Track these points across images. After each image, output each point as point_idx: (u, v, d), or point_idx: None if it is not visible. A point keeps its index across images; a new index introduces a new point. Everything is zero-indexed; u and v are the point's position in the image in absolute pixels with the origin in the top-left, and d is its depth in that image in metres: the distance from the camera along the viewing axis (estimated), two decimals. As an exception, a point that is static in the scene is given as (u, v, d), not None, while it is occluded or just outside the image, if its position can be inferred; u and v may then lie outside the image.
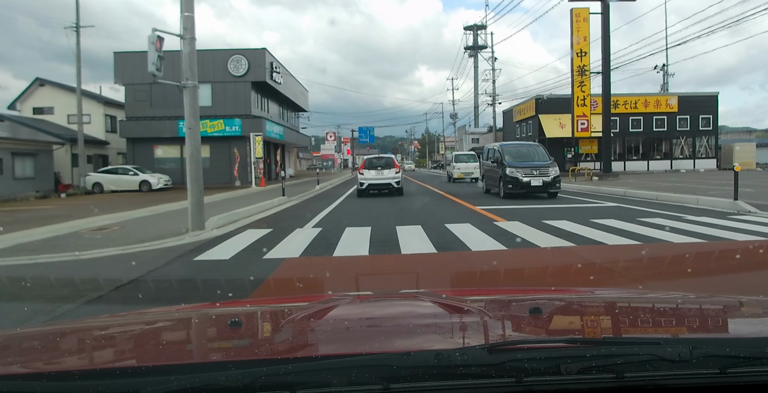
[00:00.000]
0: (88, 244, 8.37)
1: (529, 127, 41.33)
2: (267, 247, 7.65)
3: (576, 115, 29.87)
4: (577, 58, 29.59)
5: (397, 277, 5.76)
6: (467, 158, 30.60)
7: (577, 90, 29.73)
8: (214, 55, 30.14)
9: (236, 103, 30.06)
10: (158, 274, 6.17)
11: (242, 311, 2.01)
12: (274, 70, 31.69)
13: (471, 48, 72.82)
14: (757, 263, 6.20)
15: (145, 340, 1.62)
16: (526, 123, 41.82)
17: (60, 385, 1.03)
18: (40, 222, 12.03)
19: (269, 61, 31.15)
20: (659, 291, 2.89)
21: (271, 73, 31.29)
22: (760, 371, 1.05)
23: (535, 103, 38.63)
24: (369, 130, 77.58)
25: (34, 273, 6.36)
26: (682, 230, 8.46)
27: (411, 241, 7.94)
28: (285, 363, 1.08)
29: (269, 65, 30.99)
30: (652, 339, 1.26)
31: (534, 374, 1.03)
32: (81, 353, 1.47)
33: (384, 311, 1.89)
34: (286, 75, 36.59)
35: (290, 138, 38.65)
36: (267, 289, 5.28)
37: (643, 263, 6.10)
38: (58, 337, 1.64)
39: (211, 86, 30.15)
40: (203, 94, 31.26)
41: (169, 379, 1.00)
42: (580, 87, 29.82)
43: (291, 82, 38.99)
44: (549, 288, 3.61)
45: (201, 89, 30.07)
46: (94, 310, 4.55)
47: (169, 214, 13.77)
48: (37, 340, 1.61)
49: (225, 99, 30.10)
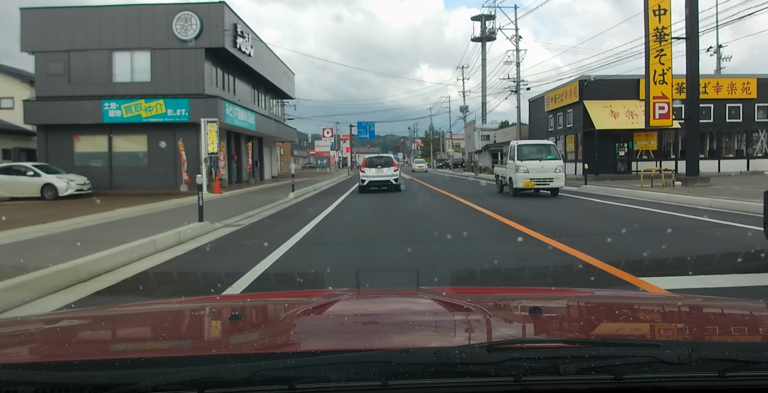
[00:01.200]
0: None
1: (567, 117, 33.10)
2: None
3: (652, 97, 21.65)
4: (653, 18, 21.41)
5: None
6: (540, 152, 17.15)
7: (653, 62, 21.53)
8: (155, 11, 21.95)
9: (185, 79, 21.87)
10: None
11: (242, 305, 2.02)
12: (239, 35, 23.44)
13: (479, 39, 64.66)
14: None
15: (145, 332, 1.62)
16: (564, 113, 33.59)
17: (59, 374, 1.03)
18: None
19: (231, 21, 22.91)
20: (660, 293, 3.11)
21: (234, 37, 23.09)
22: (759, 375, 1.04)
23: (579, 87, 30.39)
24: (369, 125, 70.19)
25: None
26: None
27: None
28: (284, 357, 1.08)
29: (231, 27, 22.76)
30: (652, 341, 1.26)
31: (532, 374, 1.02)
32: (80, 344, 1.46)
33: (384, 308, 1.89)
34: (259, 46, 28.35)
35: (268, 129, 30.43)
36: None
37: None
38: (57, 328, 1.64)
39: (150, 55, 21.97)
40: (140, 65, 23.16)
41: (168, 371, 1.00)
42: (658, 57, 21.64)
43: (268, 58, 30.75)
44: (549, 288, 3.56)
45: (137, 58, 21.68)
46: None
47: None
48: (37, 330, 1.63)
49: (169, 72, 21.91)
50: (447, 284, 4.73)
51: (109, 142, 22.24)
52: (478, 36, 64.76)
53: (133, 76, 22.14)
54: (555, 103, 34.85)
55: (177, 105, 21.11)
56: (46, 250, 7.05)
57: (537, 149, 17.55)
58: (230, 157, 26.61)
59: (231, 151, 27.00)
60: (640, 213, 11.43)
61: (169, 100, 21.18)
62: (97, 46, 21.89)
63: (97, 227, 9.88)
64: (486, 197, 16.94)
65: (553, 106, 35.20)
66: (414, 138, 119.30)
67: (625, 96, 29.63)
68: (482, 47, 64.50)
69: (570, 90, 31.87)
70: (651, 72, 21.60)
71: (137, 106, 21.18)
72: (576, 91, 30.84)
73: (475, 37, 65.17)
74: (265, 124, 29.45)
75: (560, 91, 33.69)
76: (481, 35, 64.24)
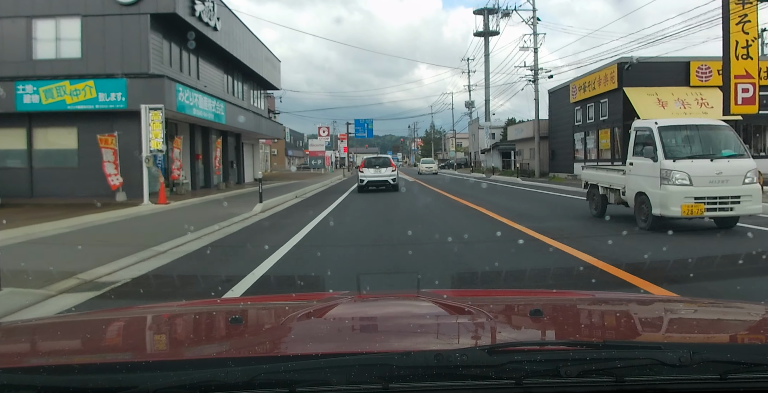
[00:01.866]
0: None
1: (601, 108, 28.00)
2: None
3: (733, 76, 16.62)
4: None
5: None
6: (707, 141, 9.21)
7: (734, 31, 16.48)
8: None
9: (125, 54, 16.78)
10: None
11: (242, 308, 1.98)
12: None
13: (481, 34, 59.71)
14: None
15: (146, 336, 1.61)
16: (597, 103, 28.51)
17: (60, 378, 1.02)
18: None
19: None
20: (662, 296, 3.04)
21: (191, 2, 18.04)
22: (760, 378, 1.03)
23: (618, 71, 25.30)
24: (367, 122, 65.16)
25: None
26: None
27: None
28: (285, 360, 1.06)
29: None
30: (653, 343, 1.24)
31: (533, 376, 1.01)
32: (81, 347, 1.45)
33: (384, 311, 1.87)
34: (231, 21, 23.27)
35: (246, 124, 25.32)
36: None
37: None
38: (57, 332, 1.62)
39: (80, 22, 16.89)
40: (68, 36, 18.05)
41: (169, 374, 0.99)
42: (741, 25, 16.62)
43: (244, 37, 25.67)
44: (550, 290, 3.49)
45: (65, 26, 15.52)
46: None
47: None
48: (37, 333, 1.61)
49: (105, 45, 16.82)
50: (448, 287, 4.59)
51: (29, 136, 17.18)
52: (481, 30, 59.96)
53: (58, 51, 17.05)
54: (584, 92, 29.75)
55: (111, 87, 16.01)
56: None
57: (700, 136, 9.20)
58: (194, 157, 21.58)
59: (195, 148, 21.96)
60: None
61: (101, 81, 16.08)
62: (13, 13, 16.84)
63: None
64: (581, 230, 9.48)
65: (582, 95, 30.11)
66: (414, 138, 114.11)
67: (672, 82, 24.62)
68: (485, 42, 59.48)
69: (605, 76, 26.77)
70: (732, 44, 16.54)
71: (60, 89, 16.09)
72: (613, 77, 25.75)
73: (477, 31, 60.27)
74: (241, 117, 24.35)
75: (591, 77, 28.59)
76: (484, 29, 59.36)
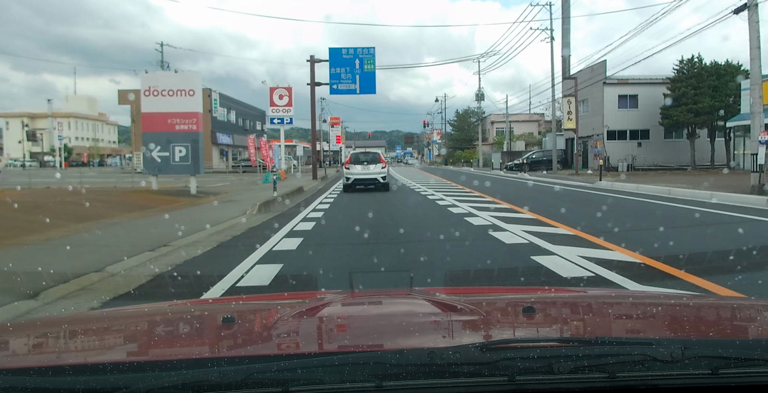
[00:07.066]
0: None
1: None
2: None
3: None
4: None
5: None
6: None
7: None
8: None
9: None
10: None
11: (235, 308, 1.99)
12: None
13: None
14: None
15: (137, 336, 1.62)
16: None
17: (51, 380, 1.02)
18: None
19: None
20: (653, 291, 3.20)
21: None
22: (751, 372, 1.05)
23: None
24: (359, 56, 27.15)
25: None
26: None
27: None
28: (278, 360, 1.07)
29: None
30: (645, 339, 1.26)
31: (526, 373, 1.03)
32: (72, 348, 1.46)
33: (377, 309, 1.88)
34: None
35: None
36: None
37: None
38: (48, 332, 1.63)
39: None
40: None
41: (161, 375, 1.00)
42: None
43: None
44: (542, 287, 3.60)
45: None
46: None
47: None
48: (28, 334, 1.61)
49: None
50: (440, 285, 4.75)
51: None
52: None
53: None
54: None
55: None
56: None
57: None
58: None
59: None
60: None
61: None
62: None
63: None
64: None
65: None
66: (433, 129, 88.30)
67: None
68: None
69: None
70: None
71: None
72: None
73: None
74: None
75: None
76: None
